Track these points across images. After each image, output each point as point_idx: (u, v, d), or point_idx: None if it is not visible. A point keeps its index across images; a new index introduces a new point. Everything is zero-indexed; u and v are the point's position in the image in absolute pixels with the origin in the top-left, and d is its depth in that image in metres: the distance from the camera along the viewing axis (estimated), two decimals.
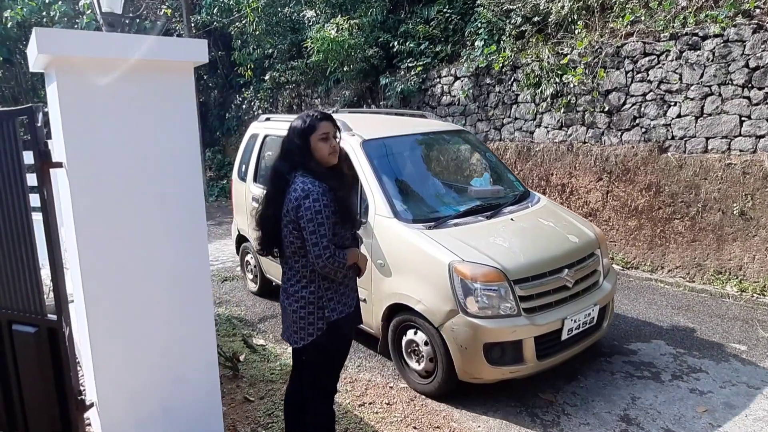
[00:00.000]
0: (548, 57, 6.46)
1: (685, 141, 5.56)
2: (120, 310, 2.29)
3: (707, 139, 5.43)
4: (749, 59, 5.07)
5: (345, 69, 8.87)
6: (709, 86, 5.33)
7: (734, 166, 5.23)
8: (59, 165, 2.21)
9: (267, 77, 10.91)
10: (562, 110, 6.40)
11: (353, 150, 3.76)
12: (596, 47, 6.13)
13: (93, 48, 2.05)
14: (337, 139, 2.34)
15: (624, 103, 5.97)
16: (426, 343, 3.32)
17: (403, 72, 8.28)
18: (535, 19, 6.86)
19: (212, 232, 8.14)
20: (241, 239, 5.38)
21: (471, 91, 7.44)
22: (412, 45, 8.22)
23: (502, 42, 7.13)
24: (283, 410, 2.65)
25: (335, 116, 3.09)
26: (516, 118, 7.01)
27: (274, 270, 4.66)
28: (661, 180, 5.71)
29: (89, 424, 2.92)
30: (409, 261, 3.36)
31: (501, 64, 6.96)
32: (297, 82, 10.68)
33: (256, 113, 11.59)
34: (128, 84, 2.18)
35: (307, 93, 10.78)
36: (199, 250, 2.47)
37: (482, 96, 7.37)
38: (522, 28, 6.97)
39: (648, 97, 5.78)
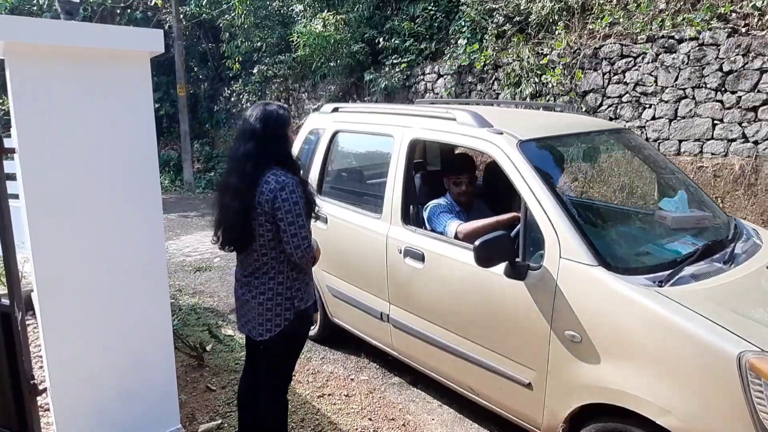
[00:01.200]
0: (528, 57, 6.51)
1: (659, 143, 5.63)
2: (72, 296, 2.32)
3: (680, 141, 5.50)
4: (723, 63, 5.14)
5: (331, 64, 8.90)
6: (684, 89, 5.40)
7: (705, 169, 5.30)
8: (12, 151, 2.23)
9: (255, 71, 10.91)
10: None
11: (504, 154, 2.61)
12: (575, 48, 6.19)
13: (43, 35, 2.07)
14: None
15: (600, 105, 6.03)
16: None
17: (387, 68, 8.31)
18: (517, 18, 6.91)
19: (195, 224, 8.17)
20: None
21: (453, 88, 7.49)
22: (397, 42, 8.26)
23: (484, 41, 7.17)
24: (237, 401, 2.68)
25: (471, 108, 3.15)
26: None
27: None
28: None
29: (49, 410, 2.95)
30: (639, 342, 2.10)
31: (483, 63, 7.00)
32: (285, 77, 10.69)
33: (244, 106, 11.60)
34: (81, 72, 2.20)
35: (295, 87, 10.79)
36: (154, 238, 2.50)
37: (464, 94, 7.42)
38: (504, 28, 7.02)
39: (624, 99, 5.85)
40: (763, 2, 5.04)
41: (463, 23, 7.43)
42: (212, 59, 13.43)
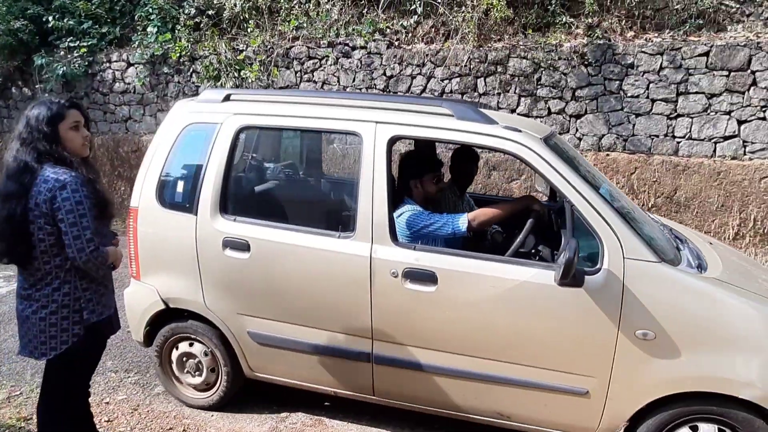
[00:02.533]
0: (225, 51, 6.77)
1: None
2: None
3: None
4: (386, 69, 6.40)
5: None
6: (360, 89, 6.52)
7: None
8: None
9: None
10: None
11: (535, 153, 2.47)
12: (268, 47, 6.73)
13: None
14: (89, 130, 2.23)
15: None
16: None
17: (63, 52, 7.39)
18: (210, 12, 7.05)
19: None
20: (167, 315, 3.06)
21: (148, 79, 7.19)
22: (72, 22, 7.39)
23: (177, 31, 7.09)
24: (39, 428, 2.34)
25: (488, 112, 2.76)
26: None
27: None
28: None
29: None
30: (713, 326, 2.27)
31: (179, 54, 6.94)
32: None
33: None
34: None
35: None
36: None
37: (161, 85, 7.22)
38: (197, 20, 7.08)
39: None
40: (408, 23, 6.45)
41: (150, 10, 7.15)
42: None
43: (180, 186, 2.89)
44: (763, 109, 5.30)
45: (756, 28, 5.54)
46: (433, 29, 6.44)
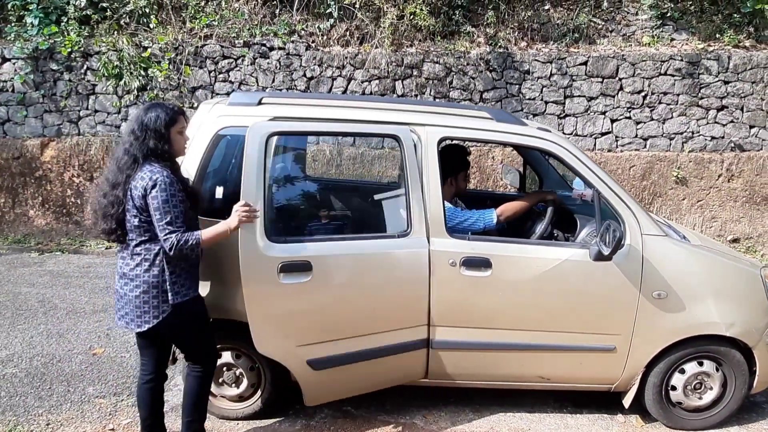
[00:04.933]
0: (128, 48, 6.31)
1: None
2: None
3: None
4: (306, 70, 6.51)
5: None
6: (280, 89, 6.54)
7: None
8: None
9: None
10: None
11: (566, 150, 2.89)
12: (178, 44, 6.42)
13: None
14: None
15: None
16: (717, 369, 3.00)
17: None
18: (104, 5, 6.48)
19: None
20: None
21: (31, 76, 6.40)
22: None
23: (64, 24, 6.41)
24: (138, 402, 2.68)
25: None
26: (97, 111, 6.54)
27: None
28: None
29: None
30: (707, 281, 2.93)
31: (69, 49, 6.29)
32: None
33: None
34: None
35: None
36: None
37: (47, 84, 6.47)
38: (87, 12, 6.47)
39: None
40: (324, 25, 6.62)
41: (28, 0, 6.36)
42: None
43: (219, 195, 2.81)
44: (629, 110, 6.50)
45: (618, 42, 6.73)
46: (348, 32, 6.69)
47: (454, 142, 3.44)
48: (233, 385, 3.02)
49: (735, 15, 6.63)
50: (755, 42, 6.60)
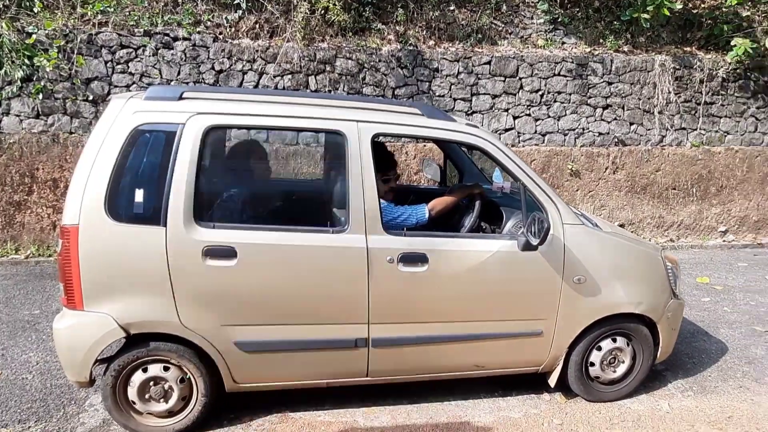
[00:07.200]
0: (8, 33, 5.66)
1: None
2: None
3: None
4: (215, 63, 6.24)
5: None
6: (187, 82, 6.22)
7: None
8: None
9: None
10: (40, 97, 5.83)
11: (494, 145, 3.08)
12: (68, 31, 5.87)
13: None
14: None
15: (108, 93, 6.06)
16: (628, 344, 3.33)
17: None
18: None
19: None
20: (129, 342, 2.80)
21: None
22: None
23: None
24: None
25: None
26: None
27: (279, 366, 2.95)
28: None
29: None
30: (617, 263, 3.21)
31: None
32: None
33: None
34: None
35: None
36: None
37: None
38: None
39: (133, 90, 6.12)
40: (231, 17, 6.39)
41: None
42: None
43: (139, 196, 2.65)
44: (529, 107, 6.98)
45: (517, 44, 7.19)
46: (257, 25, 6.51)
47: (379, 139, 3.49)
48: (161, 400, 2.88)
49: (615, 22, 7.35)
50: (632, 47, 7.36)
